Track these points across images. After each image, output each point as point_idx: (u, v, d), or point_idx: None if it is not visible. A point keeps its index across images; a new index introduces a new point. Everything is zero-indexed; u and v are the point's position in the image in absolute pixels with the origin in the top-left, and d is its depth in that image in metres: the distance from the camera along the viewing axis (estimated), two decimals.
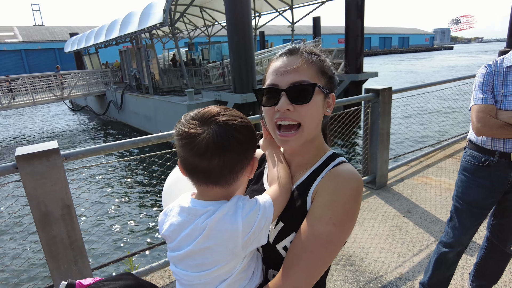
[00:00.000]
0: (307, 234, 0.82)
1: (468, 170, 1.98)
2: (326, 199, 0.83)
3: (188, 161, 0.78)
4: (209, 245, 0.77)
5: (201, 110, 0.81)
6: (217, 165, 0.76)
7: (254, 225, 0.78)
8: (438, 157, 4.96)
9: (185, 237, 0.80)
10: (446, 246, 2.07)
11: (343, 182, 0.84)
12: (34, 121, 21.49)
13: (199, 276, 0.80)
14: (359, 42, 14.15)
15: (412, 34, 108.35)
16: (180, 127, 0.78)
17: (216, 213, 0.77)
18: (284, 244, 0.89)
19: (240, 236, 0.76)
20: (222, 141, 0.75)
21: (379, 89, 3.78)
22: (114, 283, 1.03)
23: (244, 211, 0.78)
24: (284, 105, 0.86)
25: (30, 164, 2.01)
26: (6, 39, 44.51)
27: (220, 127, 0.76)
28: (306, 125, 0.88)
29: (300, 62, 0.88)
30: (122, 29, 16.96)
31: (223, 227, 0.76)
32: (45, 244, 2.16)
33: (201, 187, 0.82)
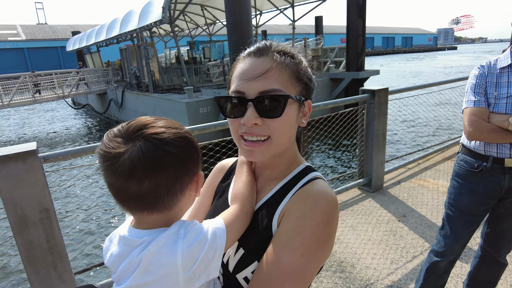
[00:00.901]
0: (270, 265, 0.70)
1: (461, 176, 1.90)
2: (293, 224, 0.72)
3: (115, 187, 0.65)
4: (146, 282, 0.66)
5: (127, 123, 0.69)
6: (149, 187, 0.64)
7: (199, 257, 0.67)
8: (437, 159, 4.87)
9: (123, 270, 0.69)
10: (438, 255, 1.98)
11: (313, 204, 0.72)
12: (33, 119, 21.52)
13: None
14: (360, 42, 14.03)
15: (416, 34, 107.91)
16: (101, 148, 0.65)
17: (151, 245, 0.66)
18: (245, 274, 0.77)
19: (180, 272, 0.65)
20: (151, 159, 0.63)
21: (375, 90, 3.69)
22: None
23: (186, 242, 0.66)
24: (251, 119, 0.73)
25: (5, 166, 1.94)
26: (9, 37, 44.64)
27: (147, 142, 0.64)
28: (275, 139, 0.76)
29: (270, 65, 0.75)
30: (122, 27, 16.92)
31: (159, 261, 0.65)
32: (22, 249, 2.09)
33: (137, 215, 0.70)
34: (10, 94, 16.61)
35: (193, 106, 11.40)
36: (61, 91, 18.47)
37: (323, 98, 14.52)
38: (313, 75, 0.86)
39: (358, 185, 4.04)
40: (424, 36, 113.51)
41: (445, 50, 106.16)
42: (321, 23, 32.47)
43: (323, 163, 9.25)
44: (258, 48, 0.80)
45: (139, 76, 16.86)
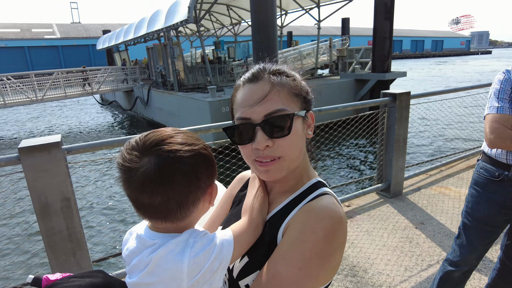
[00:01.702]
0: (268, 275, 0.72)
1: (480, 184, 1.84)
2: (294, 237, 0.72)
3: (130, 197, 0.70)
4: (151, 282, 0.70)
5: (145, 136, 0.71)
6: (161, 201, 0.68)
7: (205, 266, 0.69)
8: (461, 167, 4.70)
9: (135, 266, 0.73)
10: (452, 264, 1.92)
11: (315, 219, 0.72)
12: (63, 114, 22.45)
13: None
14: (387, 45, 13.71)
15: (447, 37, 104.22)
16: (119, 160, 0.69)
17: (160, 249, 0.69)
18: (247, 282, 0.79)
19: (185, 278, 0.67)
20: (163, 176, 0.66)
21: (396, 93, 3.61)
22: (81, 280, 1.00)
23: (194, 251, 0.69)
24: (262, 142, 0.75)
25: (31, 156, 2.06)
26: (46, 36, 46.83)
27: (161, 158, 0.66)
28: (288, 157, 0.78)
29: (269, 88, 0.77)
30: (149, 27, 17.36)
31: (166, 265, 0.68)
32: (45, 234, 2.21)
33: (151, 221, 0.75)
34: (44, 89, 17.43)
35: (216, 105, 11.54)
36: (90, 87, 19.20)
37: (347, 99, 14.31)
38: (308, 88, 0.87)
39: (377, 190, 3.97)
40: (456, 40, 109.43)
41: (478, 54, 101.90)
42: (347, 24, 32.00)
43: (342, 166, 9.13)
44: (253, 74, 0.82)
45: (164, 74, 17.24)
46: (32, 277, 1.05)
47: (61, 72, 18.24)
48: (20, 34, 45.34)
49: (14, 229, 5.46)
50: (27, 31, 47.12)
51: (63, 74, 18.26)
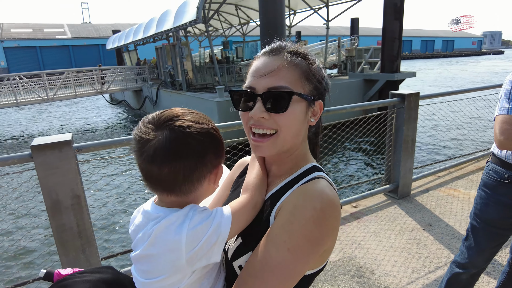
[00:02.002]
0: (258, 256, 0.73)
1: (489, 186, 1.82)
2: (284, 218, 0.73)
3: (141, 168, 0.74)
4: (152, 253, 0.73)
5: (162, 112, 0.77)
6: (168, 173, 0.71)
7: (202, 239, 0.71)
8: (470, 168, 4.64)
9: (139, 239, 0.77)
10: (460, 266, 1.91)
11: (305, 201, 0.73)
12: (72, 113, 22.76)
13: (145, 283, 0.77)
14: (396, 45, 13.58)
15: (458, 37, 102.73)
16: (135, 132, 0.74)
17: (162, 221, 0.73)
18: (240, 263, 0.80)
19: (183, 250, 0.70)
20: (173, 148, 0.70)
21: (405, 94, 3.59)
22: (91, 275, 1.03)
23: (192, 223, 0.72)
24: (257, 113, 0.78)
25: (43, 154, 2.10)
26: (57, 36, 47.52)
27: (173, 132, 0.71)
28: (282, 134, 0.79)
29: (280, 64, 0.78)
30: (158, 27, 17.49)
31: (166, 236, 0.71)
32: (55, 231, 2.25)
33: (158, 194, 0.79)
34: (54, 88, 17.69)
35: (223, 105, 11.58)
36: (100, 86, 19.42)
37: (356, 99, 14.21)
38: (327, 76, 0.88)
39: (384, 191, 3.95)
40: (467, 40, 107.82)
41: (490, 54, 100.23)
42: (357, 24, 31.82)
43: (349, 167, 9.07)
44: (272, 48, 0.84)
45: (173, 74, 17.35)
46: (45, 271, 1.09)
47: (72, 72, 18.49)
48: (32, 34, 46.08)
49: (26, 225, 5.58)
50: (39, 31, 47.87)
51: (73, 73, 18.51)
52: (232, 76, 18.04)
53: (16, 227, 5.68)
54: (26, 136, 16.29)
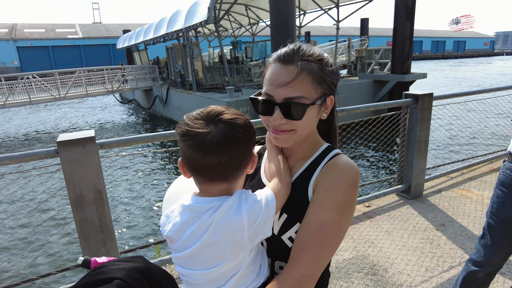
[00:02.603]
0: (312, 223, 0.86)
1: (506, 185, 1.84)
2: (327, 189, 0.87)
3: (197, 161, 0.79)
4: (216, 240, 0.78)
5: (204, 110, 0.83)
6: (226, 161, 0.79)
7: (259, 217, 0.80)
8: (484, 170, 4.62)
9: (191, 235, 0.81)
10: (476, 264, 1.93)
11: (342, 172, 0.88)
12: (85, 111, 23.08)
13: (207, 273, 0.81)
14: (407, 46, 13.50)
15: (470, 37, 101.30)
16: (186, 128, 0.79)
17: (221, 208, 0.79)
18: (289, 234, 0.91)
19: (246, 228, 0.78)
20: (230, 138, 0.78)
21: (419, 94, 3.60)
22: (125, 264, 1.09)
23: (248, 204, 0.80)
24: (277, 120, 0.88)
25: (68, 150, 2.18)
26: (69, 35, 48.22)
27: (226, 125, 0.79)
28: (298, 132, 0.91)
29: (295, 74, 0.86)
30: (169, 27, 17.64)
31: (228, 220, 0.78)
32: (78, 224, 2.33)
33: (208, 185, 0.83)
34: (66, 87, 17.98)
35: (233, 105, 11.65)
36: (111, 86, 19.67)
37: (366, 100, 14.15)
38: (338, 71, 0.97)
39: (397, 191, 3.96)
40: (479, 40, 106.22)
41: (503, 55, 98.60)
42: (366, 25, 31.58)
43: (360, 167, 9.06)
44: (284, 55, 0.90)
45: (183, 74, 17.49)
46: (82, 259, 1.16)
47: (83, 71, 18.77)
48: (44, 34, 46.84)
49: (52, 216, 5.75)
50: (51, 31, 48.64)
51: (85, 72, 18.78)
52: (241, 76, 18.12)
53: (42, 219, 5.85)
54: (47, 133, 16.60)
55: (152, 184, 8.51)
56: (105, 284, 1.00)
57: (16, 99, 16.90)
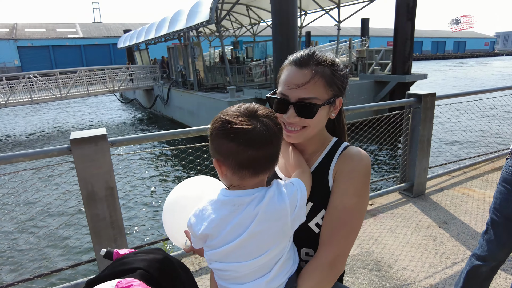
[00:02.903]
0: (338, 207, 0.96)
1: (509, 182, 1.89)
2: (347, 176, 0.97)
3: (245, 156, 0.82)
4: (262, 228, 0.82)
5: (239, 107, 0.87)
6: (271, 153, 0.86)
7: (297, 203, 0.86)
8: (485, 169, 4.67)
9: (234, 227, 0.83)
10: (479, 259, 1.98)
11: (358, 161, 0.99)
12: (87, 111, 23.13)
13: (252, 263, 0.84)
14: (408, 46, 13.55)
15: (470, 38, 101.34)
16: (233, 126, 0.81)
17: (266, 197, 0.84)
18: (316, 221, 0.99)
19: (288, 214, 0.84)
20: (273, 132, 0.85)
21: (422, 94, 3.65)
22: (146, 255, 1.15)
23: (288, 192, 0.86)
24: (291, 118, 0.98)
25: (81, 147, 2.23)
26: (69, 35, 48.25)
27: (268, 119, 0.85)
28: (309, 129, 1.00)
29: (309, 77, 0.95)
30: (170, 27, 17.69)
31: (274, 207, 0.83)
32: (90, 220, 2.38)
33: (251, 178, 0.86)
34: (67, 87, 18.02)
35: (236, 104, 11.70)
36: (112, 85, 19.72)
37: (366, 100, 14.20)
38: (347, 74, 1.07)
39: (399, 189, 4.01)
40: (479, 41, 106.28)
41: (503, 55, 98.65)
42: (367, 25, 31.63)
43: None
44: (300, 59, 0.99)
45: (185, 74, 17.53)
46: (105, 250, 1.21)
47: (84, 71, 18.82)
48: (45, 34, 46.87)
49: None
50: (52, 30, 48.67)
51: (86, 72, 18.83)
52: (242, 76, 18.18)
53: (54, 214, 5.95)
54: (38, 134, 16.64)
55: (159, 181, 8.59)
56: (129, 273, 1.06)
57: (17, 99, 16.95)
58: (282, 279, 0.89)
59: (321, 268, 0.92)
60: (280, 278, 0.88)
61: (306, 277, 0.92)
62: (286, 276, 0.89)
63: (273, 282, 0.87)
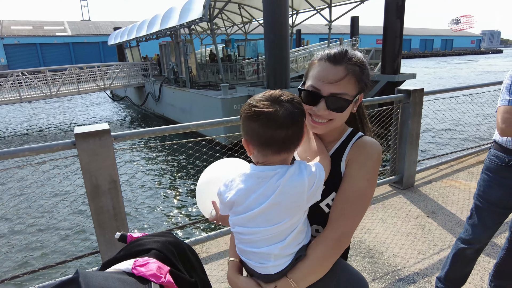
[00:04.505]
0: (348, 190, 1.05)
1: (491, 170, 2.03)
2: (360, 162, 1.06)
3: (266, 135, 0.93)
4: (281, 200, 0.94)
5: (265, 94, 0.98)
6: (292, 134, 0.95)
7: (315, 182, 0.96)
8: (471, 162, 4.87)
9: (257, 197, 0.96)
10: (465, 242, 2.12)
11: (370, 149, 1.07)
12: (77, 109, 22.89)
13: (270, 229, 0.97)
14: (397, 44, 13.80)
15: (457, 36, 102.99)
16: (256, 109, 0.93)
17: (287, 172, 0.95)
18: (327, 202, 1.09)
19: (305, 190, 0.94)
20: (294, 114, 0.94)
21: (411, 90, 3.80)
22: (158, 237, 1.24)
23: (308, 171, 0.96)
24: (321, 111, 1.05)
25: (85, 142, 2.30)
26: (57, 33, 47.47)
27: (289, 104, 0.94)
28: (335, 122, 1.08)
29: (343, 75, 1.03)
30: (162, 24, 17.63)
31: (293, 183, 0.94)
32: (94, 213, 2.46)
33: (274, 156, 0.97)
34: (57, 85, 17.83)
35: (228, 102, 11.77)
36: (102, 83, 19.56)
37: None
38: (371, 73, 1.15)
39: (390, 182, 4.17)
40: (466, 39, 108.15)
41: (489, 53, 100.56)
42: (357, 24, 31.94)
43: None
44: (334, 55, 1.07)
45: (177, 71, 17.51)
46: (120, 234, 1.31)
47: (74, 68, 18.63)
48: (32, 31, 46.04)
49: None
50: (39, 28, 47.82)
51: (75, 70, 18.64)
52: (234, 74, 18.22)
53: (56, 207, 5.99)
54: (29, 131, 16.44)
55: (159, 175, 8.68)
56: (144, 254, 1.16)
57: (5, 97, 16.71)
58: (294, 248, 1.00)
59: (328, 242, 1.02)
60: (292, 247, 1.00)
61: (314, 247, 1.02)
62: (298, 246, 1.01)
63: (286, 249, 0.98)
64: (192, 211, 6.83)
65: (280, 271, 1.00)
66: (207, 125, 2.74)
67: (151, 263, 1.02)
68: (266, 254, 0.99)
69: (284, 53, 11.33)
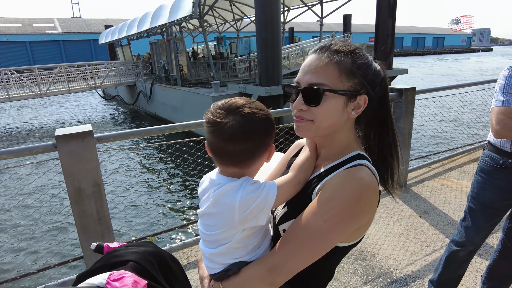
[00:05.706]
0: (298, 222, 0.88)
1: (485, 171, 1.99)
2: (325, 195, 0.85)
3: (215, 145, 0.90)
4: (213, 212, 0.91)
5: (228, 100, 0.91)
6: (239, 149, 0.87)
7: (252, 206, 0.87)
8: (462, 160, 4.86)
9: (204, 200, 0.95)
10: (458, 244, 2.09)
11: (345, 182, 0.84)
12: (69, 108, 22.56)
13: (206, 234, 0.96)
14: (389, 42, 13.83)
15: (448, 34, 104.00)
16: (209, 116, 0.89)
17: (222, 187, 0.89)
18: (284, 227, 0.96)
19: (236, 212, 0.87)
20: (245, 130, 0.86)
21: (402, 89, 3.76)
22: (136, 248, 1.17)
23: (244, 192, 0.87)
24: (297, 105, 0.90)
25: (67, 144, 2.21)
26: (47, 30, 46.71)
27: (244, 117, 0.86)
28: (316, 123, 0.90)
29: (321, 62, 0.87)
30: (153, 22, 17.43)
31: (224, 200, 0.89)
32: (77, 217, 2.37)
33: (222, 167, 0.94)
34: (47, 83, 17.52)
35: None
36: (93, 82, 19.28)
37: None
38: (378, 69, 0.95)
39: None
40: (457, 37, 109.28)
41: (479, 51, 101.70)
42: (349, 21, 31.98)
43: None
44: (320, 46, 0.94)
45: (168, 69, 17.33)
46: (95, 244, 1.23)
47: (64, 67, 18.33)
48: (21, 29, 45.23)
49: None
50: (29, 25, 47.00)
51: (66, 68, 18.34)
52: (226, 71, 18.10)
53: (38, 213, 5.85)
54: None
55: (145, 178, 8.54)
56: (120, 266, 1.08)
57: None
58: (228, 260, 0.96)
59: (259, 268, 0.92)
60: (225, 258, 0.96)
61: (248, 268, 0.94)
62: (233, 260, 0.96)
63: (217, 257, 0.96)
64: (179, 215, 6.75)
65: (214, 274, 1.00)
66: (194, 125, 2.66)
67: (126, 277, 0.95)
68: (204, 252, 1.01)
69: (276, 50, 11.26)
